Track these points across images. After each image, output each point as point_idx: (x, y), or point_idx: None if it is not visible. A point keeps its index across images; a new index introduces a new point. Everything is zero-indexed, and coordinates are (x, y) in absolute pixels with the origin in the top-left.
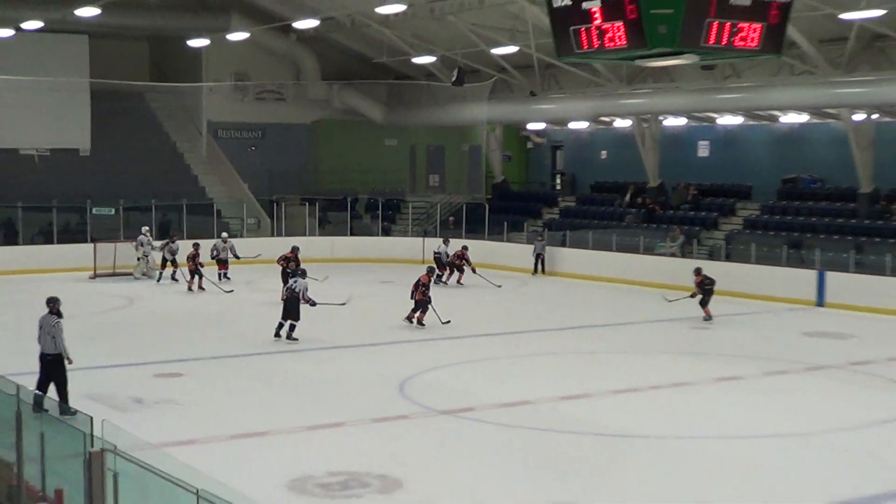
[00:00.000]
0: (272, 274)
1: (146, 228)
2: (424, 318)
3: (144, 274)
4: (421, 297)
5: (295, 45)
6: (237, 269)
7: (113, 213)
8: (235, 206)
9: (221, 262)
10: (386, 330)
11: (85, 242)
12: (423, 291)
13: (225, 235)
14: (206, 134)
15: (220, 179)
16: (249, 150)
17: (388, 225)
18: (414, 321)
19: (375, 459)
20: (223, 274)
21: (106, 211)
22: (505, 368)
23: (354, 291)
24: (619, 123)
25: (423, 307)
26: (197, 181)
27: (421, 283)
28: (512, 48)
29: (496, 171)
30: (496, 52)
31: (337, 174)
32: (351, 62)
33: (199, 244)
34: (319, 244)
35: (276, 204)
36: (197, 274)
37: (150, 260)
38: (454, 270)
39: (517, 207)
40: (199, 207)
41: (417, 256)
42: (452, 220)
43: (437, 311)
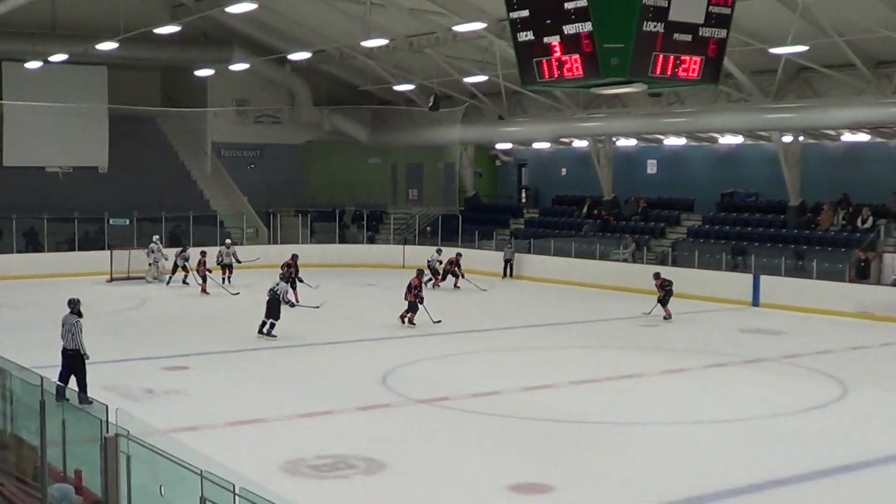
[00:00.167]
0: (270, 278)
1: (157, 237)
2: (415, 318)
3: (155, 278)
4: (413, 299)
5: (290, 74)
6: (239, 273)
7: (127, 223)
8: (236, 217)
9: (226, 267)
10: (370, 327)
11: (103, 250)
12: (415, 294)
13: (228, 242)
14: (210, 153)
15: (222, 193)
16: (249, 167)
17: (372, 234)
18: (405, 321)
19: (361, 443)
20: (228, 278)
21: (121, 221)
22: (478, 362)
23: (342, 293)
24: (577, 144)
25: (414, 309)
26: (202, 195)
27: (412, 285)
28: (482, 77)
29: (468, 185)
30: (468, 80)
31: (326, 189)
32: (339, 89)
33: (206, 252)
34: (311, 251)
35: (272, 215)
36: (204, 278)
37: (160, 265)
38: (447, 276)
39: (487, 218)
40: (203, 218)
41: (398, 262)
42: (430, 229)
43: (428, 311)
